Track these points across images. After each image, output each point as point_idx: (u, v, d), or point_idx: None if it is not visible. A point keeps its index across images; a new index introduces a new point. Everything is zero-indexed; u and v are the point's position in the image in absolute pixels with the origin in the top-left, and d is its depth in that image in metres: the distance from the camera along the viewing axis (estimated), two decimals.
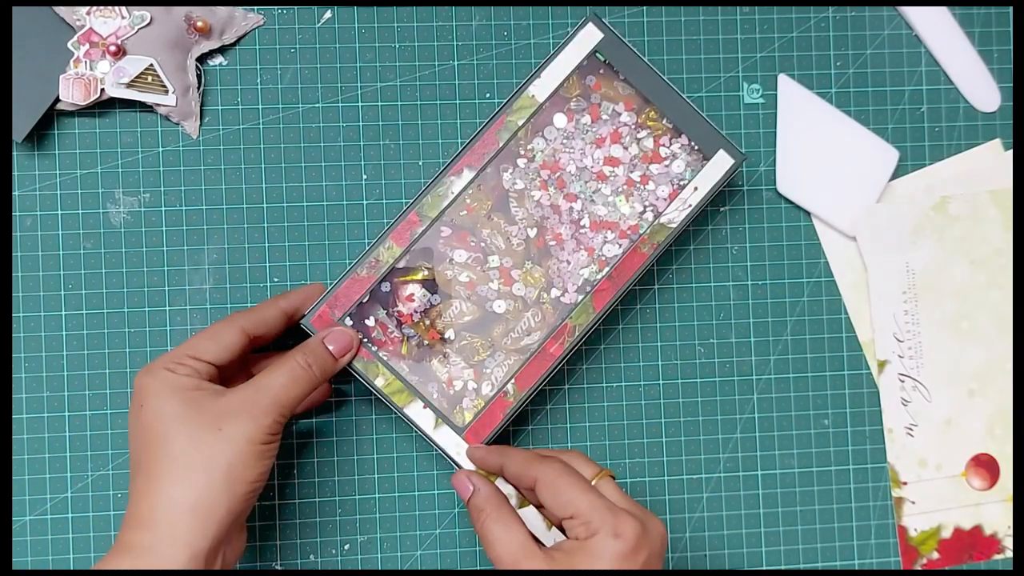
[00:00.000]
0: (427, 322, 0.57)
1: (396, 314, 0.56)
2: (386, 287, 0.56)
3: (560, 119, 0.57)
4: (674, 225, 0.57)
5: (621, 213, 0.57)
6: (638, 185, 0.57)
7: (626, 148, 0.57)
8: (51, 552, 0.58)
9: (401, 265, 0.56)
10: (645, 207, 0.57)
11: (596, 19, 0.57)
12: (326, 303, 0.55)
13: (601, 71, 0.57)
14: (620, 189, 0.57)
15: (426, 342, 0.56)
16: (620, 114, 0.57)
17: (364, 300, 0.56)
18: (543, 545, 0.50)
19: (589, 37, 0.57)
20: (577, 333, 0.56)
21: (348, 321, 0.56)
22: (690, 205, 0.57)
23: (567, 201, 0.57)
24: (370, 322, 0.56)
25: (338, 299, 0.55)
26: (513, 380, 0.56)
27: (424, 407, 0.56)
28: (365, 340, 0.56)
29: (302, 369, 0.51)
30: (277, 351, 0.56)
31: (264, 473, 0.49)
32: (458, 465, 0.56)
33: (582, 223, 0.57)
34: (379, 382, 0.55)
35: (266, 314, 0.54)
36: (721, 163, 0.57)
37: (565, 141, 0.57)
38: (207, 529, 0.47)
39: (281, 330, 0.55)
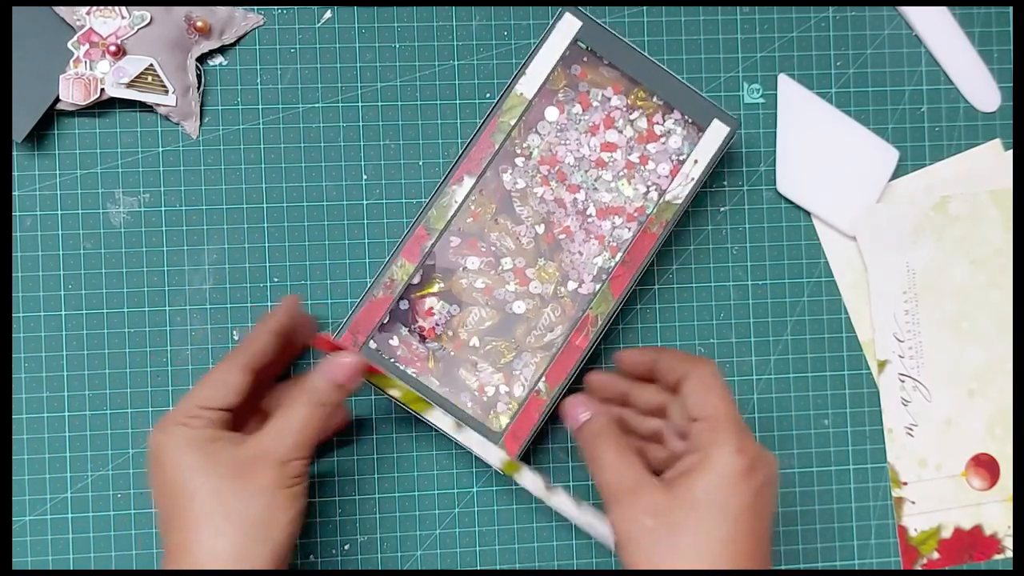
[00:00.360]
0: (450, 333, 0.57)
1: (418, 330, 0.56)
2: (404, 305, 0.56)
3: (551, 112, 0.57)
4: (679, 201, 0.57)
5: (625, 196, 0.57)
6: (638, 166, 0.57)
7: (621, 131, 0.57)
8: (51, 552, 0.58)
9: (416, 281, 0.56)
10: (648, 187, 0.57)
11: (573, 8, 0.57)
12: (348, 329, 0.55)
13: (585, 59, 0.57)
14: (621, 173, 0.57)
15: (452, 353, 0.57)
16: (610, 99, 0.57)
17: (385, 321, 0.56)
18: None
19: (568, 27, 0.57)
20: (600, 322, 0.57)
21: (372, 344, 0.56)
22: (693, 179, 0.57)
23: (570, 193, 0.57)
24: (394, 341, 0.56)
25: (359, 324, 0.55)
26: (544, 378, 0.56)
27: (443, 412, 0.56)
28: (391, 359, 0.56)
29: (312, 407, 0.50)
30: (283, 381, 0.56)
31: (300, 512, 0.49)
32: (489, 464, 0.56)
33: (588, 212, 0.57)
34: (394, 392, 0.56)
35: (259, 344, 0.53)
36: (717, 132, 0.57)
37: (559, 134, 0.57)
38: None
39: (280, 350, 0.54)
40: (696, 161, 0.57)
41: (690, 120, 0.57)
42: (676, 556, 0.46)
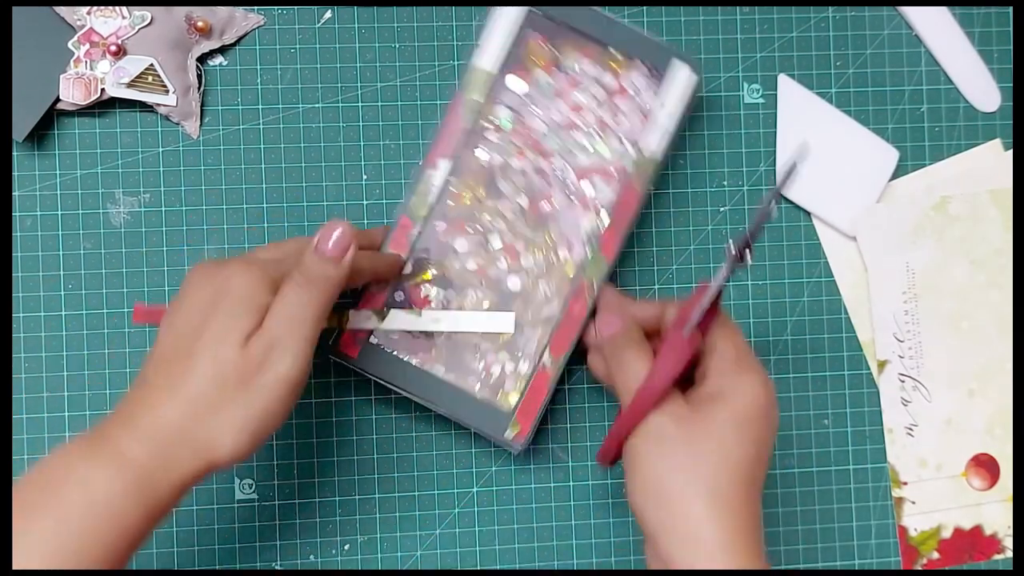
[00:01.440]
0: None
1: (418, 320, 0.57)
2: (400, 296, 0.56)
3: (517, 83, 0.57)
4: (657, 153, 0.57)
5: (603, 156, 0.57)
6: (611, 124, 0.57)
7: (588, 91, 0.57)
8: None
9: (408, 271, 0.56)
10: (623, 143, 0.57)
11: None
12: (348, 328, 0.55)
13: (542, 26, 0.57)
14: (595, 133, 0.57)
15: (454, 337, 0.57)
16: (573, 61, 0.57)
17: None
18: None
19: None
20: (596, 287, 0.57)
21: (374, 339, 0.56)
22: (664, 126, 0.57)
23: (547, 161, 0.57)
24: (395, 335, 0.56)
25: None
26: (548, 351, 0.56)
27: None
28: (394, 352, 0.56)
29: (306, 290, 0.47)
30: None
31: (285, 416, 0.48)
32: (491, 438, 0.56)
33: (568, 178, 0.57)
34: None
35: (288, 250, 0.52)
36: (679, 73, 0.57)
37: (528, 103, 0.57)
38: (205, 469, 0.45)
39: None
40: (663, 105, 0.57)
41: (654, 68, 0.57)
42: (688, 468, 0.47)
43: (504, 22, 0.56)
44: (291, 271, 0.48)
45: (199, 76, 0.59)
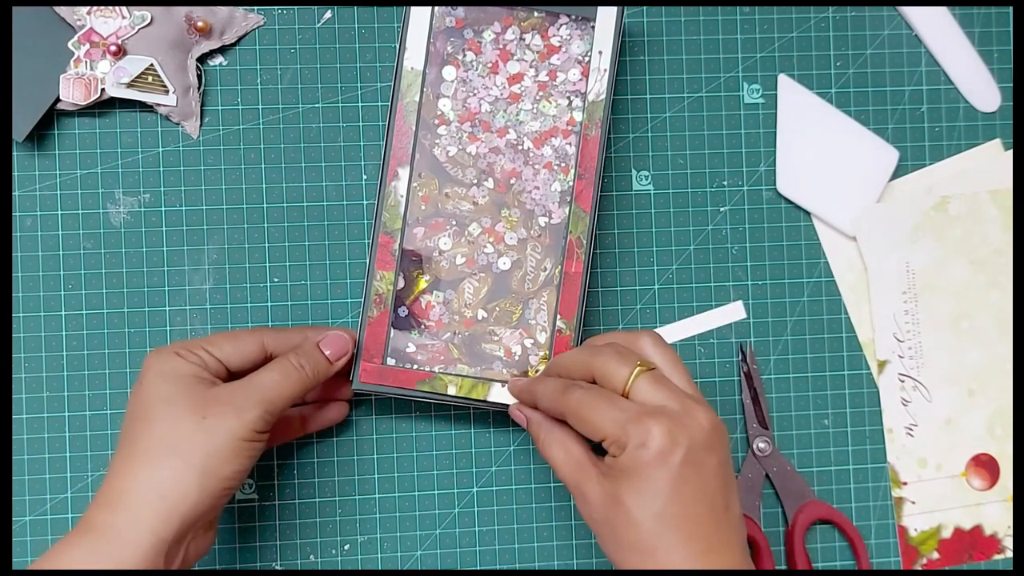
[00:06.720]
0: (456, 317, 0.57)
1: (426, 329, 0.57)
2: (403, 311, 0.57)
3: (448, 71, 0.57)
4: (603, 97, 0.57)
5: (552, 116, 0.57)
6: (551, 83, 0.57)
7: (521, 59, 0.57)
8: None
9: (401, 285, 0.57)
10: (569, 98, 0.57)
11: None
12: (362, 357, 0.56)
13: (455, 12, 0.57)
14: (538, 97, 0.57)
15: (467, 333, 0.57)
16: (497, 33, 0.57)
17: (392, 335, 0.56)
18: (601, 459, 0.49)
19: None
20: (584, 242, 0.57)
21: (391, 360, 0.56)
22: (605, 70, 0.57)
23: (500, 137, 0.57)
24: (410, 349, 0.56)
25: (369, 349, 0.56)
26: (559, 315, 0.57)
27: (502, 386, 0.56)
28: (415, 367, 0.56)
29: (294, 369, 0.51)
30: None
31: (241, 472, 0.49)
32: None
33: (526, 147, 0.57)
34: (452, 390, 0.56)
35: (292, 339, 0.54)
36: (607, 17, 0.57)
37: (465, 87, 0.57)
38: (171, 518, 0.47)
39: (305, 378, 0.53)
40: (600, 52, 0.57)
41: (578, 17, 0.57)
42: (659, 519, 0.47)
43: (418, 18, 0.56)
44: (291, 351, 0.53)
45: (199, 76, 0.59)
